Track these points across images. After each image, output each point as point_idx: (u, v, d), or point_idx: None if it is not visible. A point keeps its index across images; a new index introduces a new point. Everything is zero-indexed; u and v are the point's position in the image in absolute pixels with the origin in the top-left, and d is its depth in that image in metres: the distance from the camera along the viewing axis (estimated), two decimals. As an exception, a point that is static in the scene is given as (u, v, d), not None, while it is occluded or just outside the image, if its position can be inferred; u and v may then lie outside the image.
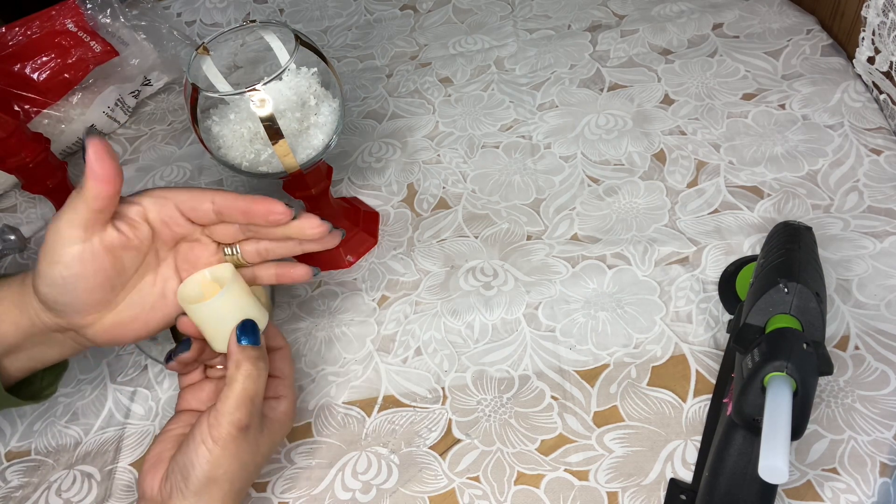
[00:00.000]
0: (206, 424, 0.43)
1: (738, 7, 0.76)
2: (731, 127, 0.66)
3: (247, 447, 0.44)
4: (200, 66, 0.53)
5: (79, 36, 0.77)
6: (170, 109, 0.83)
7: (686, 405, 0.50)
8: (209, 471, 0.42)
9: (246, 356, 0.44)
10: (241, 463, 0.43)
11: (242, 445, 0.43)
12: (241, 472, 0.44)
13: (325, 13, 0.90)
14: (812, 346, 0.40)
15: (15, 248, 0.72)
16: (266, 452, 0.46)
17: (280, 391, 0.48)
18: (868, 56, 0.64)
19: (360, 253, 0.64)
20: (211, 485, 0.43)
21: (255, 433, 0.44)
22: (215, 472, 0.42)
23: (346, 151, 0.73)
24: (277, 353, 0.49)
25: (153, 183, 0.75)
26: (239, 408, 0.43)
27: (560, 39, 0.78)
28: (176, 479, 0.43)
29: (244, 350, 0.44)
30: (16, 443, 0.58)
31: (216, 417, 0.43)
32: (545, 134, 0.70)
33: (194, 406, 0.48)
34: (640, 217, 0.61)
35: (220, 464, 0.42)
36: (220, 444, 0.42)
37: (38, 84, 0.75)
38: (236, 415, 0.43)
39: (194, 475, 0.42)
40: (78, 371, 0.61)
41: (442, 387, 0.54)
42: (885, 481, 0.45)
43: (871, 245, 0.55)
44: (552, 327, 0.56)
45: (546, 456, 0.50)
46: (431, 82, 0.78)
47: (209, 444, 0.42)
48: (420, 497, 0.49)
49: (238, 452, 0.43)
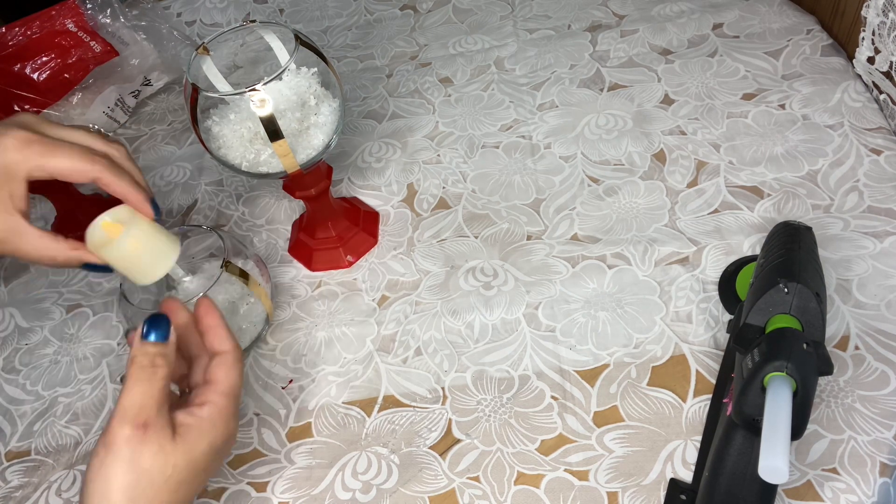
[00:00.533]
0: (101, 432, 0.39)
1: (738, 7, 0.76)
2: (731, 127, 0.66)
3: (146, 452, 0.38)
4: (200, 66, 0.53)
5: (79, 36, 0.77)
6: (170, 109, 0.83)
7: (686, 405, 0.50)
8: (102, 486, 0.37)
9: (144, 352, 0.40)
10: (140, 472, 0.38)
11: (139, 449, 0.38)
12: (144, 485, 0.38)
13: (325, 13, 0.90)
14: (812, 346, 0.40)
15: (15, 248, 0.72)
16: (183, 465, 0.39)
17: (208, 396, 0.42)
18: (868, 56, 0.64)
19: (360, 253, 0.64)
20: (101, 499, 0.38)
21: (159, 435, 0.39)
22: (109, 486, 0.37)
23: (346, 151, 0.73)
24: (217, 358, 0.44)
25: (153, 183, 0.75)
26: (134, 405, 0.38)
27: (560, 39, 0.78)
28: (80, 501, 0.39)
29: (143, 346, 0.40)
30: (16, 443, 0.58)
31: (109, 421, 0.38)
32: (545, 134, 0.70)
33: None
34: (640, 217, 0.61)
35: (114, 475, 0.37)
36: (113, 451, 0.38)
37: (38, 84, 0.75)
38: (130, 412, 0.38)
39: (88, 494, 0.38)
40: (78, 371, 0.61)
41: (442, 387, 0.54)
42: (885, 481, 0.45)
43: (871, 245, 0.55)
44: (552, 327, 0.56)
45: (546, 456, 0.50)
46: (431, 82, 0.78)
47: (101, 454, 0.38)
48: (420, 497, 0.49)
49: (134, 459, 0.38)
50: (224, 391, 0.42)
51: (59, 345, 0.64)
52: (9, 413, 0.60)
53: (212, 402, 0.42)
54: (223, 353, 0.44)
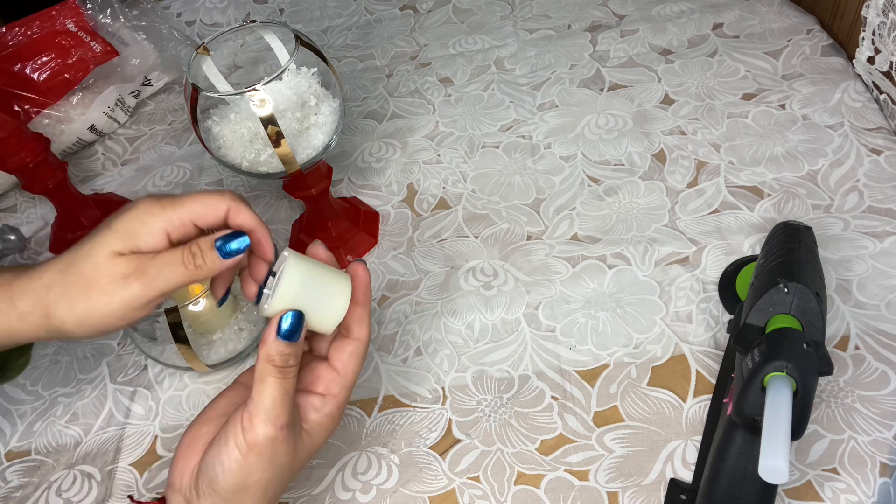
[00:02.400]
0: (240, 426, 0.39)
1: (738, 7, 0.76)
2: (731, 127, 0.66)
3: (283, 451, 0.39)
4: (200, 66, 0.53)
5: (79, 36, 0.77)
6: (170, 109, 0.83)
7: (686, 405, 0.50)
8: (241, 478, 0.38)
9: (280, 351, 0.39)
10: (276, 469, 0.39)
11: (279, 450, 0.39)
12: (276, 480, 0.40)
13: (325, 13, 0.90)
14: (812, 346, 0.40)
15: (15, 248, 0.72)
16: (304, 457, 0.41)
17: (331, 388, 0.42)
18: (868, 56, 0.64)
19: (360, 253, 0.64)
20: (242, 493, 0.39)
21: (293, 435, 0.40)
22: (248, 479, 0.39)
23: (346, 151, 0.73)
24: (350, 344, 0.43)
25: (153, 183, 0.75)
26: (274, 406, 0.38)
27: (560, 39, 0.78)
28: (205, 481, 0.39)
29: (278, 345, 0.39)
30: (16, 443, 0.58)
31: (249, 419, 0.38)
32: (545, 134, 0.70)
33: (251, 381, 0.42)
34: (640, 217, 0.61)
35: (254, 470, 0.38)
36: (256, 450, 0.38)
37: (38, 84, 0.75)
38: (272, 413, 0.38)
39: (224, 481, 0.38)
40: (78, 371, 0.61)
41: (442, 387, 0.54)
42: (885, 481, 0.45)
43: (871, 245, 0.55)
44: (552, 327, 0.56)
45: (546, 456, 0.50)
46: (431, 82, 0.78)
47: (243, 449, 0.38)
48: (420, 497, 0.49)
49: (273, 458, 0.39)
50: (347, 385, 0.42)
51: (59, 345, 0.63)
52: (9, 413, 0.60)
53: (335, 396, 0.42)
54: (358, 340, 0.43)
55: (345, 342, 0.43)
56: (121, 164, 0.78)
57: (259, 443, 0.38)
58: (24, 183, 0.65)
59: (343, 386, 0.42)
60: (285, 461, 0.40)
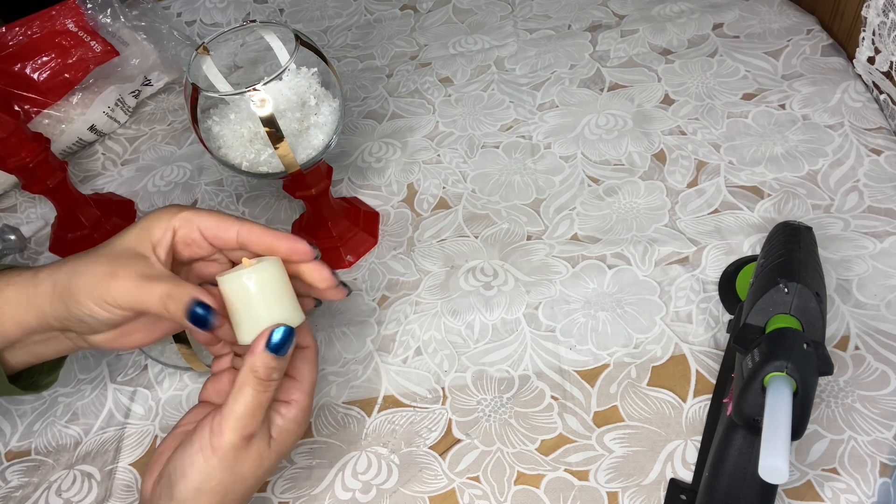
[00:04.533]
0: (209, 430, 0.40)
1: (738, 7, 0.76)
2: (731, 127, 0.66)
3: (248, 459, 0.41)
4: (200, 66, 0.53)
5: (79, 36, 0.77)
6: (170, 109, 0.83)
7: (686, 405, 0.50)
8: (199, 482, 0.40)
9: (265, 364, 0.41)
10: (236, 476, 0.41)
11: (241, 458, 0.41)
12: (237, 485, 0.41)
13: (325, 13, 0.90)
14: (812, 346, 0.40)
15: (15, 248, 0.72)
16: (270, 465, 0.43)
17: (292, 395, 0.44)
18: (868, 56, 0.64)
19: (360, 253, 0.64)
20: (198, 496, 0.40)
21: (259, 443, 0.42)
22: (206, 483, 0.40)
23: (346, 151, 0.73)
24: (301, 353, 0.45)
25: (153, 183, 0.75)
26: (246, 415, 0.40)
27: (560, 39, 0.78)
28: (165, 484, 0.41)
29: (265, 357, 0.41)
30: (16, 443, 0.58)
31: (219, 423, 0.40)
32: (545, 134, 0.70)
33: (212, 398, 0.45)
34: (640, 217, 0.61)
35: (213, 476, 0.40)
36: (219, 454, 0.40)
37: (38, 84, 0.75)
38: (241, 422, 0.40)
39: (182, 484, 0.40)
40: (78, 371, 0.61)
41: (442, 387, 0.54)
42: (885, 481, 0.45)
43: (871, 245, 0.55)
44: (552, 327, 0.56)
45: (546, 456, 0.50)
46: (431, 82, 0.78)
47: (206, 453, 0.40)
48: (420, 497, 0.49)
49: (235, 465, 0.40)
50: (308, 389, 0.45)
51: (59, 345, 0.63)
52: (9, 413, 0.60)
53: (297, 402, 0.44)
54: (307, 347, 0.46)
55: (297, 352, 0.45)
56: (121, 164, 0.78)
57: (223, 448, 0.40)
58: (24, 183, 0.65)
59: (304, 391, 0.45)
60: (248, 471, 0.41)
